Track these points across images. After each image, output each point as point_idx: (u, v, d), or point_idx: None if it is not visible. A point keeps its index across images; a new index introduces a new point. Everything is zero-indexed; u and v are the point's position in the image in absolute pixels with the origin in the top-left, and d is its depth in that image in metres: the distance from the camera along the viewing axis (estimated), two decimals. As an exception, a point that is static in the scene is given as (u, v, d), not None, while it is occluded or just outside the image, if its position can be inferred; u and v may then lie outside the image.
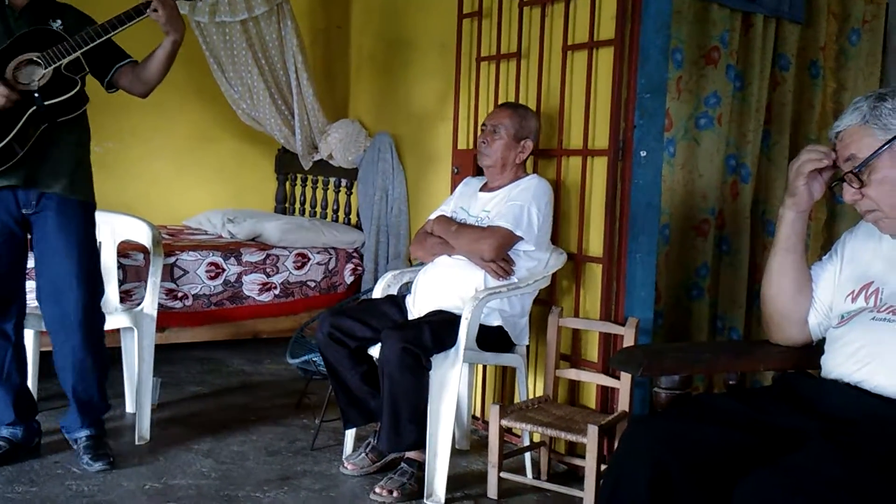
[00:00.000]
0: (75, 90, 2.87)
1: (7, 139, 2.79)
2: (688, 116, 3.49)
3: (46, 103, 2.82)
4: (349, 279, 4.70)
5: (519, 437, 3.29)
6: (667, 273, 3.50)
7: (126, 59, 3.08)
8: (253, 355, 4.72)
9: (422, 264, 3.25)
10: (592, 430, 2.66)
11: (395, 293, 3.32)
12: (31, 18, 2.91)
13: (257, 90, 4.90)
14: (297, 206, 5.60)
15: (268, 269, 4.46)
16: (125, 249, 3.86)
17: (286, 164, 5.64)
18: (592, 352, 3.21)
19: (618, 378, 2.99)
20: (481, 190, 3.25)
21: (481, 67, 3.70)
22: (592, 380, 3.14)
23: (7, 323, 3.02)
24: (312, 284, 4.61)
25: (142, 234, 3.45)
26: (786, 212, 1.97)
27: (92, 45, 2.84)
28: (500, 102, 3.50)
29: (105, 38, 2.85)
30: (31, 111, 2.81)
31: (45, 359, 3.35)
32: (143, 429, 3.29)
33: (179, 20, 2.91)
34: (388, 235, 4.51)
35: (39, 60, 2.81)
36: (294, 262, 4.54)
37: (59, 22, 2.94)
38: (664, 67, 3.11)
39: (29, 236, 3.00)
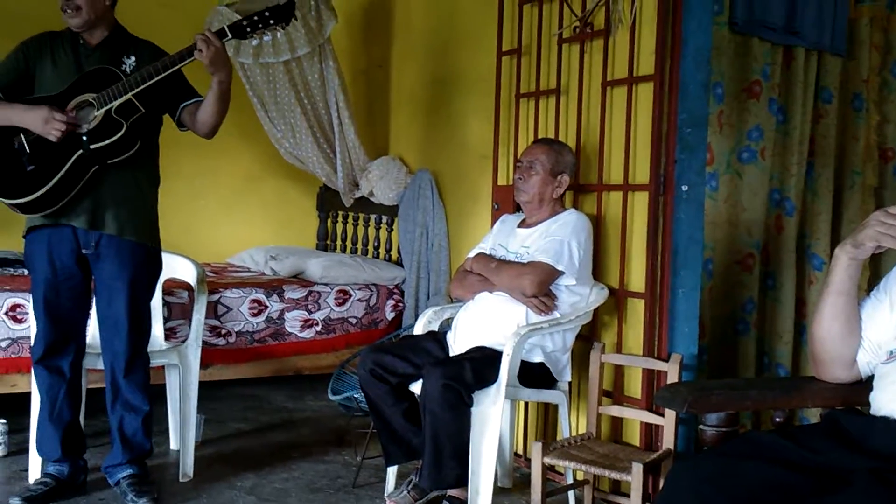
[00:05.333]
0: (119, 134, 2.82)
1: (53, 181, 2.80)
2: (730, 150, 3.47)
3: (92, 147, 2.81)
4: (390, 315, 4.71)
5: (562, 474, 3.25)
6: (711, 308, 3.46)
7: (193, 97, 3.03)
8: (295, 392, 4.74)
9: (462, 302, 3.25)
10: (637, 468, 2.62)
11: (436, 329, 3.32)
12: (104, 56, 2.90)
13: (300, 129, 4.97)
14: (339, 242, 5.64)
15: (309, 306, 4.49)
16: (170, 287, 3.91)
17: (328, 201, 5.70)
18: (636, 388, 3.17)
19: (662, 415, 2.95)
20: (519, 226, 3.25)
21: (521, 104, 3.72)
22: (636, 417, 3.10)
23: (63, 360, 3.03)
24: (354, 321, 4.63)
25: (187, 271, 3.50)
26: (844, 256, 1.88)
27: (142, 87, 2.80)
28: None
29: (155, 79, 2.80)
30: (78, 154, 2.82)
31: (91, 396, 3.40)
32: (187, 465, 3.31)
33: (222, 60, 2.84)
34: (429, 272, 4.52)
35: (94, 102, 2.82)
36: (335, 298, 4.56)
37: (133, 59, 2.91)
38: (705, 101, 3.10)
39: (93, 277, 3.02)
